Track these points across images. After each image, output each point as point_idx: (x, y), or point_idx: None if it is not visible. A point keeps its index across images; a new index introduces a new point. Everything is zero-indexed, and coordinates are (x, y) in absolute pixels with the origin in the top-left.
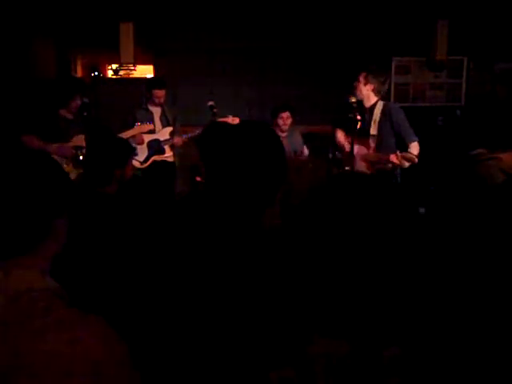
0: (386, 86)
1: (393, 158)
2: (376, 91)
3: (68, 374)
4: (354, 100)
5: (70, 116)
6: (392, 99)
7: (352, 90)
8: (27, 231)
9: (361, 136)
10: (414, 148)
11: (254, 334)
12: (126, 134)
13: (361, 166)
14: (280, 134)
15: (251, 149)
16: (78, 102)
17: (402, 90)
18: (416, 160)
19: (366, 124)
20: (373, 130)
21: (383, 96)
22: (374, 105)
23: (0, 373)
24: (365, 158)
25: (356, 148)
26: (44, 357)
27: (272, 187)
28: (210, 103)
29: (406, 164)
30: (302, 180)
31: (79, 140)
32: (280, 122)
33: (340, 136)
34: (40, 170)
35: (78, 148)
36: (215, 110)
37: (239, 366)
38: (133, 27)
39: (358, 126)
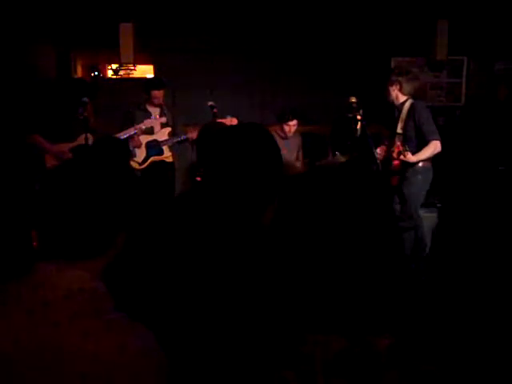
0: (414, 85)
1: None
2: (403, 90)
3: (109, 377)
4: (353, 100)
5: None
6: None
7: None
8: (98, 241)
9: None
10: (427, 148)
11: (248, 333)
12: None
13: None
14: (280, 140)
15: (246, 149)
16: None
17: None
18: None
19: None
20: (399, 129)
21: (415, 95)
22: (403, 104)
23: (44, 370)
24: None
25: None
26: (89, 358)
27: (268, 186)
28: (210, 103)
29: (413, 158)
30: None
31: (81, 140)
32: (286, 128)
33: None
34: (119, 183)
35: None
36: (215, 110)
37: (234, 366)
38: (132, 27)
39: (359, 126)
